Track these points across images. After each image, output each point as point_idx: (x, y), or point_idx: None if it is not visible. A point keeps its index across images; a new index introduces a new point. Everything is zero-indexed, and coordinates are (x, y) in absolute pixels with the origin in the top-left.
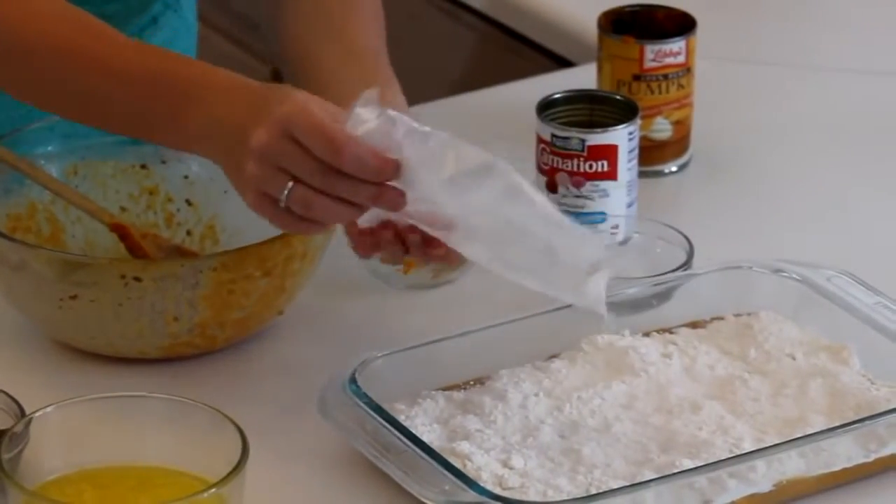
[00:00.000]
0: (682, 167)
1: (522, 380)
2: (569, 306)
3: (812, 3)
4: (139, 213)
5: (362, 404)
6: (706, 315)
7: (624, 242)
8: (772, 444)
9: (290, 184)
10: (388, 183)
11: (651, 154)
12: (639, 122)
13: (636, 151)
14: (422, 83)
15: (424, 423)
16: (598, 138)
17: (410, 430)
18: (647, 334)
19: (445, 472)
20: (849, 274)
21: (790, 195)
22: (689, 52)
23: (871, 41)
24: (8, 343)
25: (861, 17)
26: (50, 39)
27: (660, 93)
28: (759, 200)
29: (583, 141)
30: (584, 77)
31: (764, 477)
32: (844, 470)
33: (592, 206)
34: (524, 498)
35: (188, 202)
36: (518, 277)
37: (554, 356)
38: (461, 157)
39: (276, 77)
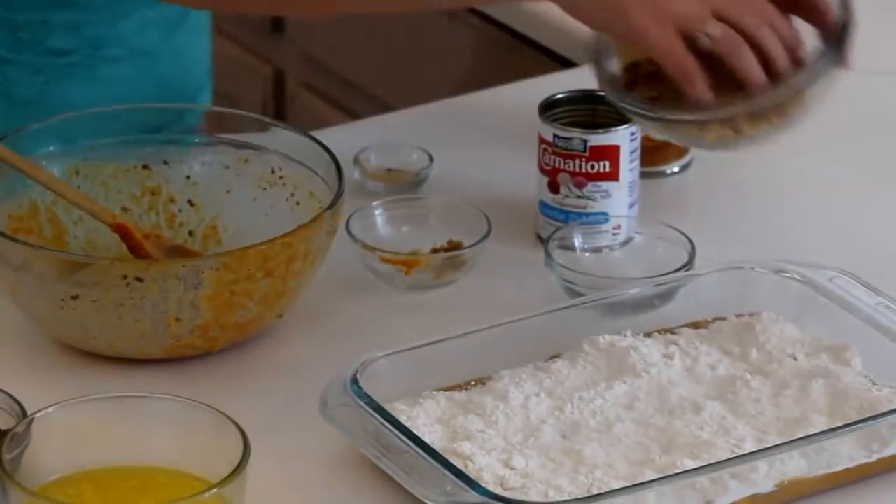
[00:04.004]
0: (683, 168)
1: (524, 380)
2: (569, 306)
3: None
4: (141, 214)
5: (363, 404)
6: (708, 315)
7: (626, 243)
8: (773, 444)
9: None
10: None
11: (653, 154)
12: None
13: (638, 152)
14: (424, 84)
15: (426, 424)
16: (600, 139)
17: (412, 430)
18: (648, 335)
19: (447, 473)
20: (850, 274)
21: (791, 196)
22: None
23: (871, 41)
24: (9, 343)
25: (861, 18)
26: None
27: None
28: (760, 201)
29: (585, 141)
30: (586, 77)
31: (766, 477)
32: (847, 470)
33: (594, 207)
34: (525, 498)
35: (190, 202)
36: None
37: (555, 356)
38: None
39: (278, 78)
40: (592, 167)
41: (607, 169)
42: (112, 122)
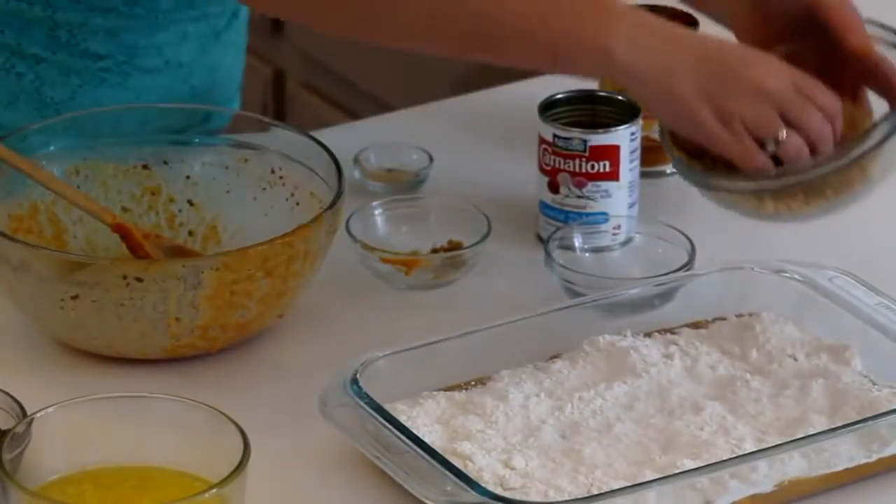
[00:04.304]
0: None
1: (524, 380)
2: (569, 306)
3: None
4: (141, 214)
5: (363, 404)
6: (708, 315)
7: (626, 243)
8: (773, 444)
9: (784, 131)
10: None
11: (653, 154)
12: (641, 122)
13: (638, 152)
14: (424, 83)
15: (426, 424)
16: (600, 139)
17: (412, 430)
18: (648, 335)
19: (447, 473)
20: (850, 274)
21: None
22: None
23: None
24: (9, 343)
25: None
26: None
27: None
28: None
29: (585, 141)
30: (585, 77)
31: (765, 477)
32: (846, 470)
33: (594, 207)
34: (525, 498)
35: (190, 203)
36: None
37: (555, 356)
38: None
39: (278, 78)
40: (592, 167)
41: (607, 169)
42: (134, 125)
